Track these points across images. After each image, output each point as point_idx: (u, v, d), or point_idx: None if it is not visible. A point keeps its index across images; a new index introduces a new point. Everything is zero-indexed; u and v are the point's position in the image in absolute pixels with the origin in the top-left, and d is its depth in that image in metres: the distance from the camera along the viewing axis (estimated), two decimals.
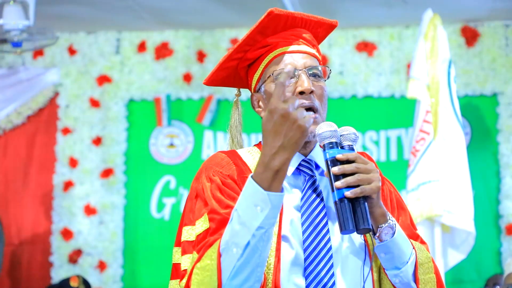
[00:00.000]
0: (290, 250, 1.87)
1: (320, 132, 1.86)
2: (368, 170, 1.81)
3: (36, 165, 5.84)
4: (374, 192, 1.80)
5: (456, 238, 4.61)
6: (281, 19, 2.00)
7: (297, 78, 1.95)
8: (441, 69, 4.63)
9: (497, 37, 5.49)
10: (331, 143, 1.84)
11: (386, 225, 1.84)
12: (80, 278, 5.16)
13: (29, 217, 5.78)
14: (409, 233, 1.96)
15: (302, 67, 1.97)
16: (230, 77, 2.12)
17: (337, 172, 1.79)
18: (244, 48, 2.04)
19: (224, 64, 2.07)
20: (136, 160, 5.77)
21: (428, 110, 4.61)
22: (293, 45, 2.00)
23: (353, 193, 1.78)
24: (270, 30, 2.01)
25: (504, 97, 5.42)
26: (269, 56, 2.01)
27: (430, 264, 1.94)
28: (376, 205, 1.83)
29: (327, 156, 1.83)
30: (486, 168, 5.37)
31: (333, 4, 5.16)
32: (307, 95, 1.94)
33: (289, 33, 2.02)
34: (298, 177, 1.97)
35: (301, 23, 2.04)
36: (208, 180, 1.94)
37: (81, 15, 5.46)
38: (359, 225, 1.78)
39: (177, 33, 5.80)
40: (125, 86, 5.81)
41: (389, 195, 2.03)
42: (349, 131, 1.88)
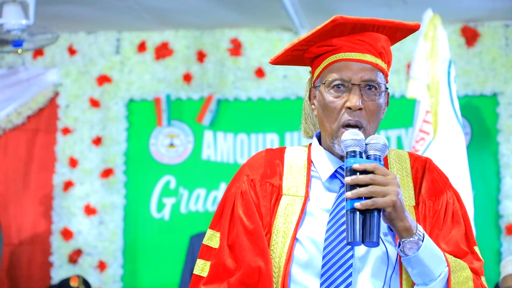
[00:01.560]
0: (305, 254, 1.87)
1: (344, 140, 1.83)
2: (385, 182, 1.75)
3: (36, 165, 5.84)
4: (388, 206, 1.74)
5: None
6: (347, 25, 1.94)
7: (349, 91, 1.91)
8: (441, 69, 4.63)
9: (497, 37, 5.48)
10: (353, 152, 1.80)
11: (410, 239, 1.78)
12: (80, 278, 5.16)
13: (29, 217, 5.78)
14: (454, 249, 1.89)
15: (358, 80, 1.90)
16: (296, 61, 2.08)
17: (349, 182, 1.75)
18: (309, 43, 1.99)
19: (289, 51, 2.03)
20: (136, 160, 5.77)
21: (428, 110, 4.61)
22: (356, 52, 1.93)
23: (363, 205, 1.73)
24: (336, 32, 1.95)
25: (504, 97, 5.41)
26: (330, 58, 1.95)
27: (470, 285, 1.86)
28: (396, 218, 1.77)
29: (346, 164, 1.79)
30: (486, 168, 5.37)
31: (333, 4, 5.16)
32: (355, 111, 1.90)
33: (357, 38, 1.94)
34: (335, 181, 1.96)
35: (373, 28, 1.96)
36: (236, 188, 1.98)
37: (81, 15, 5.46)
38: (366, 238, 1.73)
39: (177, 33, 5.80)
40: (125, 86, 5.81)
41: (445, 207, 1.95)
42: (377, 141, 1.83)
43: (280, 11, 5.12)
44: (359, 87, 1.91)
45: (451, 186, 2.01)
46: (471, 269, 1.89)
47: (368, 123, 1.92)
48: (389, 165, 2.00)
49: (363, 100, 1.91)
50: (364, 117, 1.91)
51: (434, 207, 1.95)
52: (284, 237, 1.88)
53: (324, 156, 1.98)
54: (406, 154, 2.03)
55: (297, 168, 1.99)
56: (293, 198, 1.93)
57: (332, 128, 1.93)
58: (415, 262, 1.80)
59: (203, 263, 1.96)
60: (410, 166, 2.00)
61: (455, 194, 2.01)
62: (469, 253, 1.93)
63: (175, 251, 5.56)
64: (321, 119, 1.96)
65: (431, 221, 1.92)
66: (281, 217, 1.91)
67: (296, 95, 5.67)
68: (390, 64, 2.01)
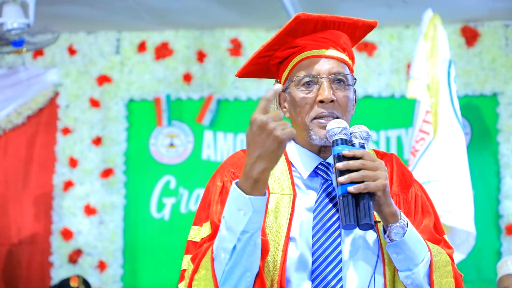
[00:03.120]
0: (296, 252, 1.88)
1: (330, 129, 1.87)
2: (374, 167, 1.81)
3: (36, 165, 5.84)
4: (379, 189, 1.79)
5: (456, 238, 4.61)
6: (310, 22, 1.99)
7: (319, 85, 1.94)
8: (441, 69, 4.63)
9: (497, 37, 5.48)
10: (340, 140, 1.84)
11: (396, 224, 1.83)
12: (80, 278, 5.15)
13: (29, 217, 5.78)
14: (429, 237, 1.94)
15: (326, 74, 1.95)
16: (262, 71, 2.11)
17: (341, 167, 1.80)
18: (273, 47, 2.02)
19: (254, 60, 2.06)
20: (136, 160, 5.77)
21: (428, 110, 4.61)
22: (321, 49, 1.98)
23: (357, 189, 1.78)
24: (299, 32, 1.99)
25: (504, 97, 5.41)
26: (296, 58, 1.99)
27: (449, 268, 1.92)
28: (384, 203, 1.82)
29: (334, 152, 1.83)
30: (486, 168, 5.37)
31: (333, 4, 5.16)
32: (327, 104, 1.93)
33: (320, 36, 2.00)
34: (315, 180, 1.98)
35: (334, 25, 2.02)
36: (220, 181, 1.97)
37: (81, 15, 5.46)
38: (361, 220, 1.77)
39: (177, 33, 5.80)
40: (125, 86, 5.81)
41: (414, 199, 2.01)
42: (361, 129, 1.88)
43: (280, 11, 5.12)
44: (329, 80, 1.94)
45: (415, 180, 2.07)
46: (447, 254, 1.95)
47: (342, 114, 1.95)
48: None
49: (334, 92, 1.94)
50: (338, 109, 1.95)
51: (406, 199, 1.99)
52: (277, 236, 1.89)
53: (302, 154, 1.99)
54: (371, 152, 2.06)
55: (278, 168, 1.99)
56: (281, 196, 1.94)
57: (306, 121, 1.95)
58: (401, 247, 1.83)
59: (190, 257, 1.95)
60: None
61: (420, 187, 2.07)
62: (442, 241, 1.99)
63: (175, 251, 5.56)
64: (293, 118, 1.98)
65: (404, 212, 1.95)
66: (271, 216, 1.91)
67: None
68: (353, 62, 2.05)
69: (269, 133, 1.69)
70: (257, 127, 1.70)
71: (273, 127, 1.69)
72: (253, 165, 1.72)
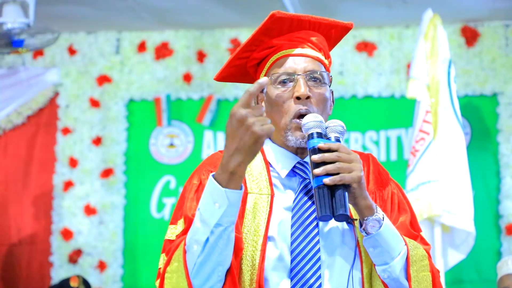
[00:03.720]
0: (275, 251, 1.89)
1: (305, 123, 1.87)
2: (349, 159, 1.82)
3: (36, 165, 5.84)
4: (354, 181, 1.80)
5: (456, 238, 4.61)
6: (285, 21, 2.00)
7: (295, 83, 1.95)
8: (441, 69, 4.63)
9: (497, 37, 5.49)
10: (316, 133, 1.85)
11: (372, 217, 1.84)
12: (80, 278, 5.15)
13: (29, 217, 5.78)
14: (406, 233, 1.95)
15: (302, 71, 1.96)
16: (240, 74, 2.12)
17: (317, 160, 1.81)
18: (250, 48, 2.04)
19: (232, 62, 2.07)
20: (136, 160, 5.77)
21: (428, 110, 4.61)
22: (297, 48, 1.99)
23: (332, 180, 1.79)
24: (275, 31, 2.01)
25: (504, 97, 5.42)
26: (272, 58, 2.01)
27: (425, 262, 1.93)
28: (360, 196, 1.83)
29: (310, 145, 1.84)
30: (486, 168, 5.37)
31: (333, 4, 5.16)
32: (303, 100, 1.93)
33: (295, 35, 2.01)
34: (293, 179, 1.98)
35: (309, 25, 2.03)
36: (197, 179, 1.97)
37: (81, 15, 5.46)
38: (336, 210, 1.78)
39: (177, 33, 5.80)
40: (125, 86, 5.81)
41: (391, 196, 2.03)
42: (336, 124, 1.89)
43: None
44: (304, 77, 1.95)
45: (392, 179, 2.08)
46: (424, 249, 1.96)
47: (319, 112, 1.95)
48: None
49: (310, 89, 1.95)
50: (315, 105, 1.95)
51: (382, 197, 2.01)
52: (255, 236, 1.89)
53: (279, 154, 1.99)
54: None
55: (256, 168, 1.99)
56: (259, 196, 1.94)
57: (284, 121, 1.95)
58: (378, 241, 1.84)
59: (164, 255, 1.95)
60: None
61: (397, 186, 2.08)
62: (418, 237, 2.00)
63: None
64: (271, 117, 1.98)
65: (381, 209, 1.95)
66: (249, 216, 1.92)
67: None
68: (330, 62, 2.06)
69: (247, 128, 1.70)
70: (236, 121, 1.71)
71: (252, 122, 1.69)
72: (230, 158, 1.72)
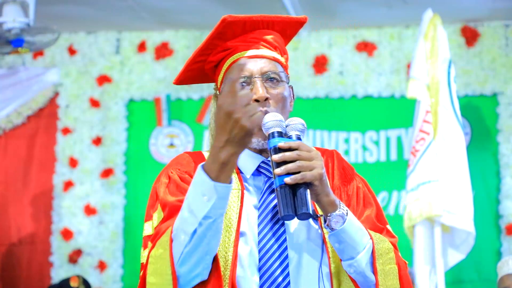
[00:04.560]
0: (246, 247, 1.89)
1: (265, 122, 1.87)
2: (310, 157, 1.82)
3: (36, 165, 5.84)
4: (315, 179, 1.80)
5: (456, 238, 4.61)
6: (238, 24, 2.00)
7: (253, 85, 1.95)
8: (441, 69, 4.63)
9: (497, 37, 5.49)
10: (276, 132, 1.85)
11: (336, 213, 1.84)
12: (80, 278, 5.15)
13: (29, 217, 5.78)
14: (371, 226, 1.96)
15: (258, 73, 1.96)
16: (199, 76, 2.13)
17: (277, 159, 1.81)
18: (205, 52, 2.04)
19: (189, 66, 2.08)
20: (136, 160, 5.77)
21: (428, 110, 4.60)
22: (252, 49, 2.00)
23: (293, 179, 1.79)
24: (229, 34, 2.01)
25: (504, 97, 5.42)
26: (229, 60, 2.01)
27: (391, 255, 1.94)
28: (322, 192, 1.83)
29: (270, 145, 1.84)
30: (486, 168, 5.37)
31: (333, 4, 5.16)
32: (262, 102, 1.93)
33: (250, 36, 2.02)
34: (258, 178, 1.99)
35: (263, 25, 2.04)
36: (166, 177, 1.98)
37: (81, 15, 5.46)
38: (299, 209, 1.78)
39: (177, 33, 5.80)
40: (125, 86, 5.81)
41: (356, 191, 2.03)
42: (296, 122, 1.90)
43: (280, 11, 5.12)
44: (261, 79, 1.95)
45: (357, 174, 2.09)
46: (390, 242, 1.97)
47: (278, 112, 1.94)
48: None
49: (268, 90, 1.95)
50: (273, 106, 1.95)
51: (347, 192, 2.02)
52: (227, 232, 1.89)
53: (244, 154, 1.98)
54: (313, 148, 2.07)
55: None
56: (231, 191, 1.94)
57: None
58: (342, 236, 1.85)
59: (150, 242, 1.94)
60: None
61: (362, 180, 2.09)
62: (384, 230, 2.00)
63: None
64: None
65: (346, 204, 1.96)
66: None
67: (296, 95, 5.61)
68: (287, 60, 2.07)
69: (236, 122, 1.68)
70: (224, 113, 1.69)
71: (239, 116, 1.68)
72: (221, 149, 1.71)
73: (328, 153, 2.08)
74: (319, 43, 5.68)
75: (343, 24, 5.58)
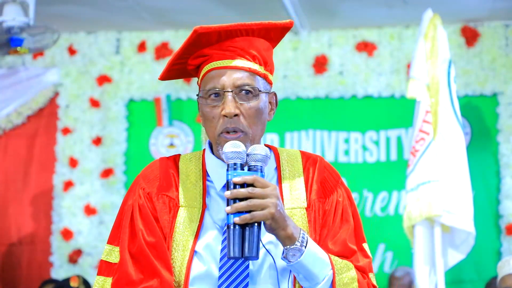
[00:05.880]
0: (202, 267, 1.88)
1: (225, 151, 1.83)
2: (264, 195, 1.77)
3: (36, 165, 5.84)
4: (266, 218, 1.77)
5: (456, 238, 4.61)
6: (212, 34, 1.92)
7: (224, 99, 1.90)
8: (441, 69, 4.63)
9: (497, 37, 5.49)
10: (235, 164, 1.81)
11: (292, 247, 1.81)
12: (80, 278, 5.15)
13: (29, 217, 5.78)
14: (341, 249, 1.93)
15: (231, 87, 1.90)
16: (184, 73, 2.08)
17: (229, 196, 1.77)
18: (183, 57, 1.99)
19: (170, 67, 2.04)
20: (136, 160, 5.77)
21: (428, 110, 4.60)
22: (227, 60, 1.93)
23: (242, 220, 1.76)
24: (204, 43, 1.94)
25: (504, 97, 5.42)
26: (205, 68, 1.95)
27: (354, 285, 1.89)
28: (277, 228, 1.80)
29: (227, 177, 1.80)
30: (486, 168, 5.37)
31: (333, 4, 5.16)
32: (231, 118, 1.89)
33: (227, 45, 1.94)
34: None
35: (241, 33, 1.94)
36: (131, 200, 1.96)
37: (81, 15, 5.46)
38: (245, 252, 1.76)
39: (177, 33, 5.80)
40: (125, 86, 5.81)
41: (335, 206, 1.98)
42: (258, 151, 1.83)
43: (280, 11, 5.12)
44: (233, 94, 1.90)
45: (342, 184, 2.03)
46: (358, 267, 1.93)
47: (249, 127, 1.90)
48: (281, 167, 2.00)
49: (238, 106, 1.90)
50: (243, 122, 1.90)
51: (324, 207, 1.97)
52: (183, 251, 1.88)
53: (217, 165, 1.96)
54: (298, 154, 2.04)
55: (192, 178, 1.97)
56: (190, 209, 1.92)
57: (214, 136, 1.93)
58: (299, 268, 1.83)
59: (103, 279, 1.93)
60: (302, 166, 2.01)
61: (346, 191, 2.03)
62: (356, 252, 1.96)
63: None
64: (206, 129, 1.97)
65: (320, 221, 1.94)
66: (179, 229, 1.90)
67: (296, 95, 5.67)
68: (269, 65, 1.99)
69: None
70: None
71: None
72: None
73: (312, 161, 2.02)
74: (319, 43, 5.68)
75: (343, 24, 5.58)
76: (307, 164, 2.01)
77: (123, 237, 1.93)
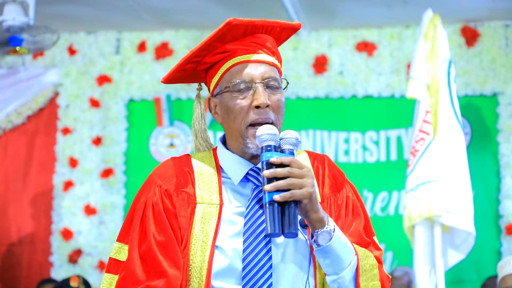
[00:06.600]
0: (224, 260, 1.89)
1: (259, 135, 1.87)
2: (301, 175, 1.81)
3: (36, 165, 5.84)
4: (305, 197, 1.80)
5: (456, 238, 4.61)
6: (240, 27, 1.98)
7: (254, 90, 1.94)
8: (441, 69, 4.63)
9: (497, 37, 5.49)
10: (269, 146, 1.85)
11: (323, 230, 1.84)
12: (80, 278, 5.15)
13: (29, 217, 5.78)
14: (358, 240, 1.96)
15: (260, 79, 1.95)
16: (189, 76, 2.13)
17: (268, 175, 1.81)
18: (202, 53, 2.03)
19: (182, 66, 2.08)
20: (136, 160, 5.78)
21: (428, 110, 4.60)
22: (253, 54, 1.98)
23: (282, 197, 1.79)
24: (229, 37, 1.99)
25: (504, 97, 5.42)
26: (227, 63, 1.99)
27: (375, 272, 1.93)
28: (311, 210, 1.83)
29: (262, 159, 1.84)
30: (486, 168, 5.37)
31: (333, 4, 5.16)
32: (263, 109, 1.93)
33: (249, 40, 2.00)
34: (247, 185, 1.98)
35: (262, 29, 2.01)
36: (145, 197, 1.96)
37: (81, 15, 5.46)
38: (285, 229, 1.79)
39: (177, 33, 5.80)
40: (125, 86, 5.81)
41: (346, 201, 2.02)
42: (290, 135, 1.88)
43: (280, 11, 5.12)
44: (263, 85, 1.95)
45: (348, 181, 2.08)
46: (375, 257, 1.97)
47: (276, 118, 1.95)
48: None
49: (268, 96, 1.95)
50: (273, 113, 1.95)
51: (337, 201, 2.00)
52: (203, 246, 1.89)
53: (233, 160, 1.99)
54: (304, 153, 2.07)
55: (207, 175, 1.99)
56: (208, 206, 1.94)
57: (240, 129, 1.95)
58: (328, 252, 1.85)
59: (111, 277, 1.97)
60: (311, 164, 2.04)
61: (352, 188, 2.08)
62: (370, 243, 2.01)
63: None
64: (227, 124, 2.00)
65: (335, 215, 1.97)
66: (198, 226, 1.91)
67: (296, 95, 5.67)
68: (281, 64, 2.07)
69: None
70: None
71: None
72: None
73: (319, 158, 2.07)
74: (319, 43, 5.68)
75: (343, 24, 5.58)
76: (315, 162, 2.04)
77: (133, 236, 1.94)
